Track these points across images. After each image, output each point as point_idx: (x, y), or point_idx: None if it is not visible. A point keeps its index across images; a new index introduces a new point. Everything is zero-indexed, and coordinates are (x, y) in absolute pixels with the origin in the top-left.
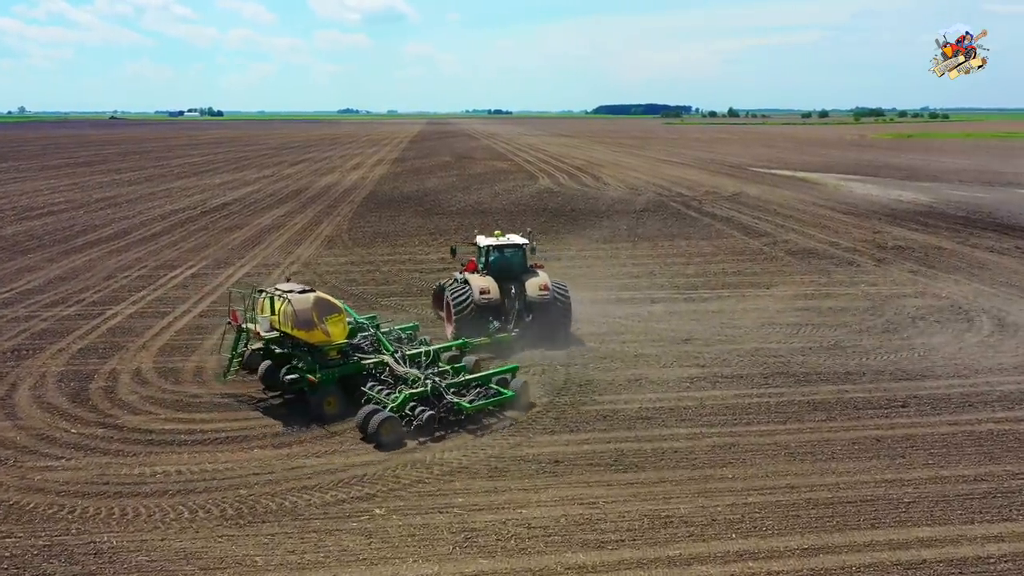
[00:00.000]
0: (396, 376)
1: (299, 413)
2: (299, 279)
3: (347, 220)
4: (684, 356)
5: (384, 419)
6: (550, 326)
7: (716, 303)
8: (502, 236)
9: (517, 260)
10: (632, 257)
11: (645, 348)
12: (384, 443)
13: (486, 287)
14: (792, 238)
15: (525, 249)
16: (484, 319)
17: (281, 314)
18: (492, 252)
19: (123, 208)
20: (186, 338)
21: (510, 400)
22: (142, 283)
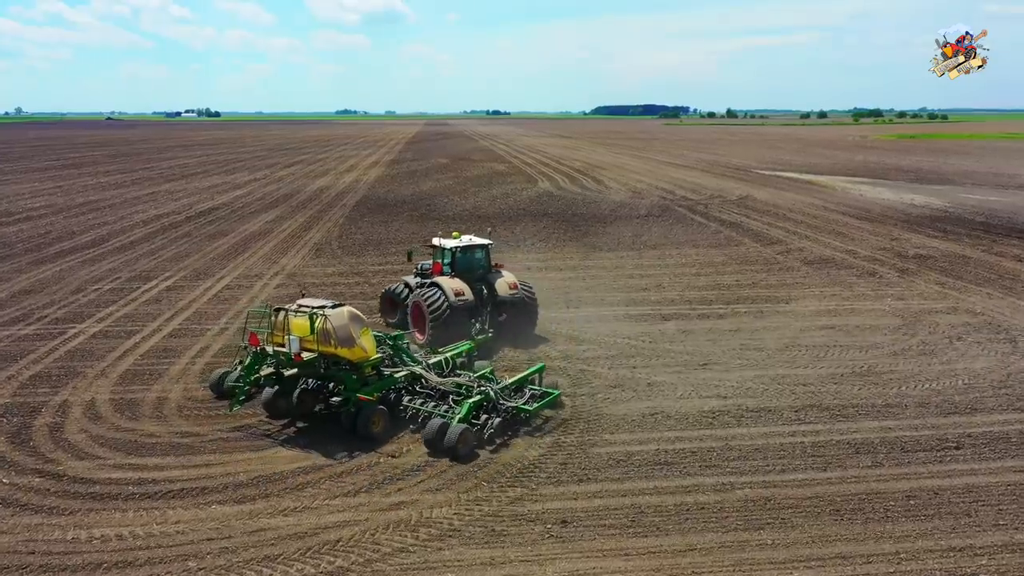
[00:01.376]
0: (438, 387)
1: (264, 460)
2: (283, 292)
3: (338, 226)
4: (703, 385)
5: (463, 430)
6: (521, 324)
7: (732, 320)
8: (460, 237)
9: (481, 260)
10: (639, 267)
11: (659, 374)
12: (462, 455)
13: (460, 289)
14: (806, 246)
15: (489, 249)
16: (459, 322)
17: (319, 333)
18: (458, 254)
19: (105, 213)
20: (151, 363)
21: (557, 399)
22: (112, 297)
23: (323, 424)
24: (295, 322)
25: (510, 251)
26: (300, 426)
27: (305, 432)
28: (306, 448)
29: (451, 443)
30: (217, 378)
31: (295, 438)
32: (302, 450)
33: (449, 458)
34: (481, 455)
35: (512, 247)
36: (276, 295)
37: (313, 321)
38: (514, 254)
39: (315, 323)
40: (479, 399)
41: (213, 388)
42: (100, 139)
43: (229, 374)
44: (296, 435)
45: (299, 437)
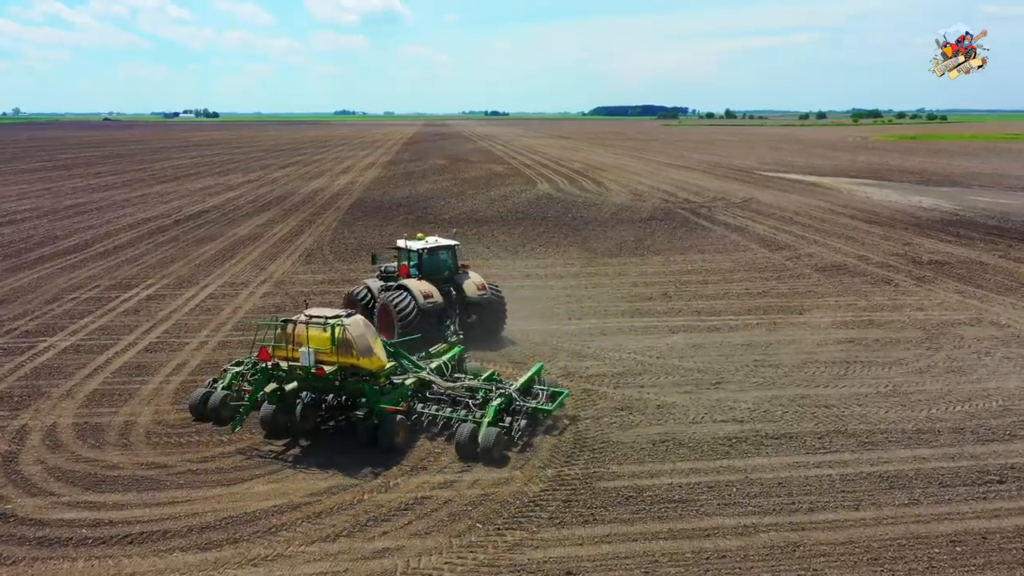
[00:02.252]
0: (448, 392)
1: (235, 496)
2: (269, 302)
3: (330, 230)
4: (717, 407)
5: (497, 433)
6: (489, 325)
7: (744, 333)
8: (424, 239)
9: (448, 262)
10: (642, 275)
11: (669, 394)
12: (496, 458)
13: (428, 291)
14: (816, 251)
15: (455, 250)
16: (428, 324)
17: (340, 343)
18: (425, 255)
19: (91, 216)
20: (122, 381)
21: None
22: (89, 307)
23: (318, 444)
24: (309, 334)
25: (509, 257)
26: (278, 453)
27: (285, 459)
28: (282, 482)
29: (488, 446)
30: (199, 398)
31: (272, 468)
32: (277, 484)
33: (483, 462)
34: (476, 488)
35: (511, 252)
36: (262, 305)
37: (334, 331)
38: (513, 260)
39: (336, 333)
40: (502, 402)
41: (193, 409)
42: (95, 140)
43: (211, 394)
44: (274, 463)
45: (276, 466)
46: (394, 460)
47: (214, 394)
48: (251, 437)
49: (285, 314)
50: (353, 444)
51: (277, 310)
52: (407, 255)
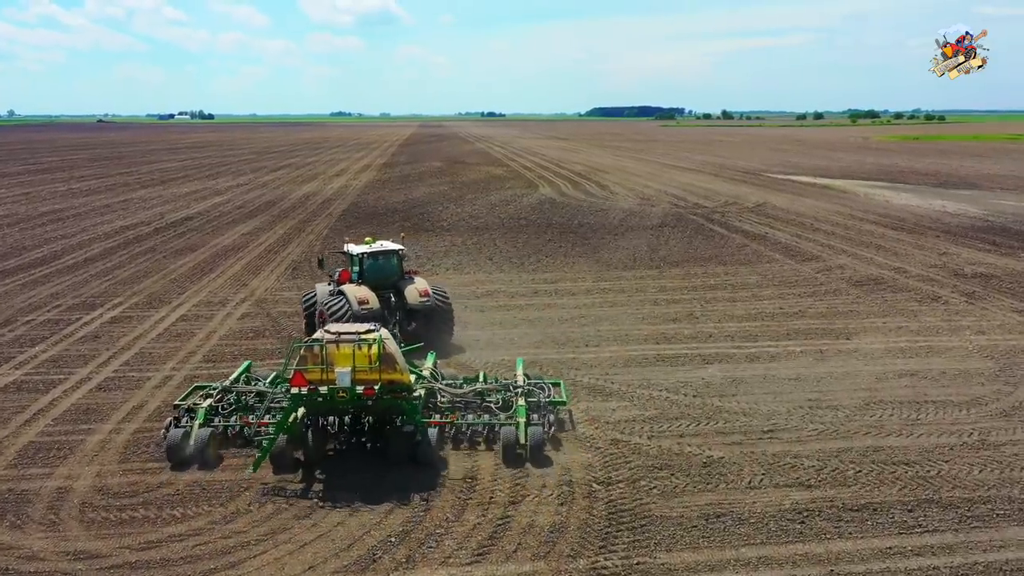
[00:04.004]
0: (457, 399)
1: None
2: (247, 324)
3: (320, 239)
4: (775, 464)
5: (540, 431)
6: (434, 333)
7: (789, 364)
8: (374, 242)
9: (392, 267)
10: (662, 290)
11: (715, 447)
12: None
13: (364, 297)
14: (847, 263)
15: (400, 255)
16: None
17: (386, 359)
18: (366, 260)
19: (67, 224)
20: (64, 431)
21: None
22: (44, 332)
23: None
24: (342, 352)
25: (513, 270)
26: (258, 522)
27: (248, 537)
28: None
29: (537, 444)
30: (179, 440)
31: (233, 559)
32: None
33: (531, 464)
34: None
35: (515, 265)
36: (239, 329)
37: (379, 347)
38: (518, 273)
39: (379, 349)
40: (535, 400)
41: (173, 453)
42: (83, 142)
43: (188, 433)
44: (236, 549)
45: (237, 556)
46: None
47: (195, 433)
48: (207, 507)
49: (265, 341)
50: (356, 479)
51: (255, 336)
52: (350, 259)
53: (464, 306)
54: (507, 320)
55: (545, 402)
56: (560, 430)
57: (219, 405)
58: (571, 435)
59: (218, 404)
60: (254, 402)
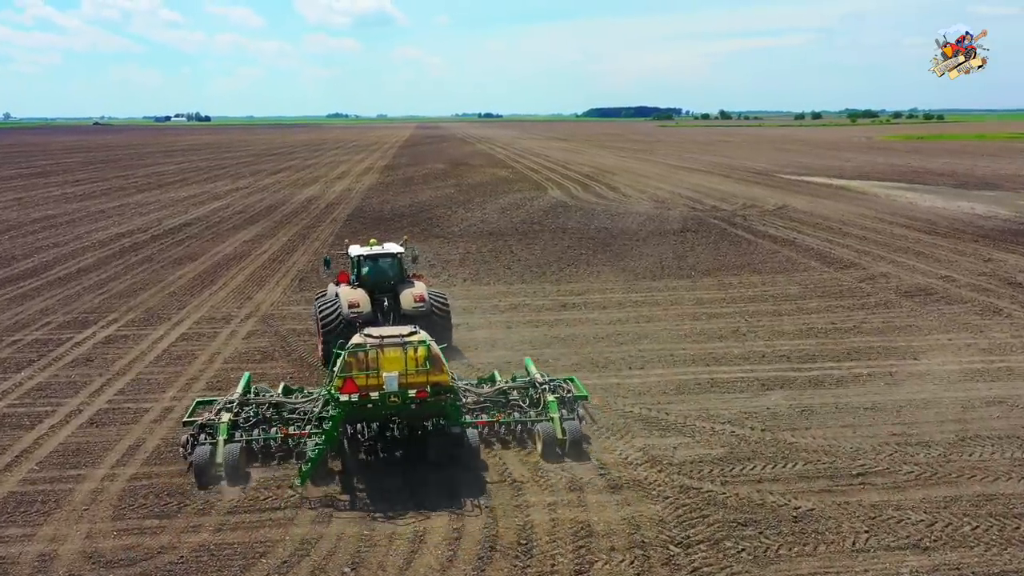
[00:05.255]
0: (483, 398)
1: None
2: (254, 344)
3: (326, 247)
4: (877, 518)
5: (577, 425)
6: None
7: (857, 389)
8: (377, 245)
9: (392, 270)
10: (699, 302)
11: (801, 495)
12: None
13: (355, 300)
14: (890, 271)
15: (400, 258)
16: (355, 334)
17: (435, 361)
18: (364, 263)
19: (60, 231)
20: (51, 477)
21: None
22: (31, 354)
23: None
24: (388, 356)
25: (535, 280)
26: None
27: None
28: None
29: (575, 438)
30: (207, 458)
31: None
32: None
33: (570, 459)
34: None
35: (537, 275)
36: (245, 350)
37: (428, 350)
38: (540, 284)
39: (429, 352)
40: (558, 396)
41: (202, 472)
42: (79, 145)
43: (213, 449)
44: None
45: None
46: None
47: (224, 449)
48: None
49: (275, 364)
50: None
51: (263, 358)
52: (349, 261)
53: (488, 322)
54: (537, 339)
55: (570, 397)
56: (619, 469)
57: (238, 419)
58: (630, 476)
59: (237, 418)
60: (271, 414)
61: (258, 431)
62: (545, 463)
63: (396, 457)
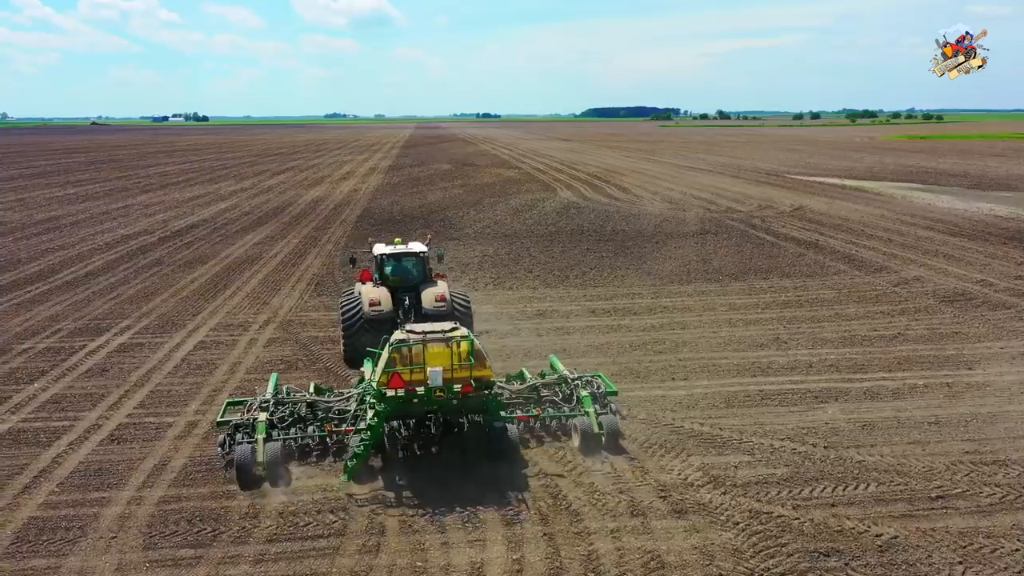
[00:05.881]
0: (521, 394)
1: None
2: (276, 352)
3: (339, 250)
4: (969, 547)
5: (615, 419)
6: None
7: (919, 402)
8: (402, 244)
9: (415, 270)
10: (732, 307)
11: (880, 520)
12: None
13: (376, 299)
14: (922, 274)
15: (424, 257)
16: (376, 333)
17: (479, 355)
18: (388, 261)
19: (64, 233)
20: (73, 500)
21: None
22: (43, 363)
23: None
24: (432, 352)
25: (559, 284)
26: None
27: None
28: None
29: (614, 431)
30: (248, 457)
31: None
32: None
33: (608, 451)
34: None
35: (560, 279)
36: (268, 359)
37: (471, 345)
38: (565, 288)
39: (472, 346)
40: (590, 391)
41: (244, 472)
42: (78, 145)
43: (252, 448)
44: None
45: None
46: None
47: (263, 448)
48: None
49: (299, 374)
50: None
51: (287, 367)
52: (374, 260)
53: (517, 328)
54: (571, 347)
55: (600, 393)
56: (680, 491)
57: (274, 418)
58: (693, 499)
59: (272, 417)
60: (306, 413)
61: (295, 430)
62: (601, 487)
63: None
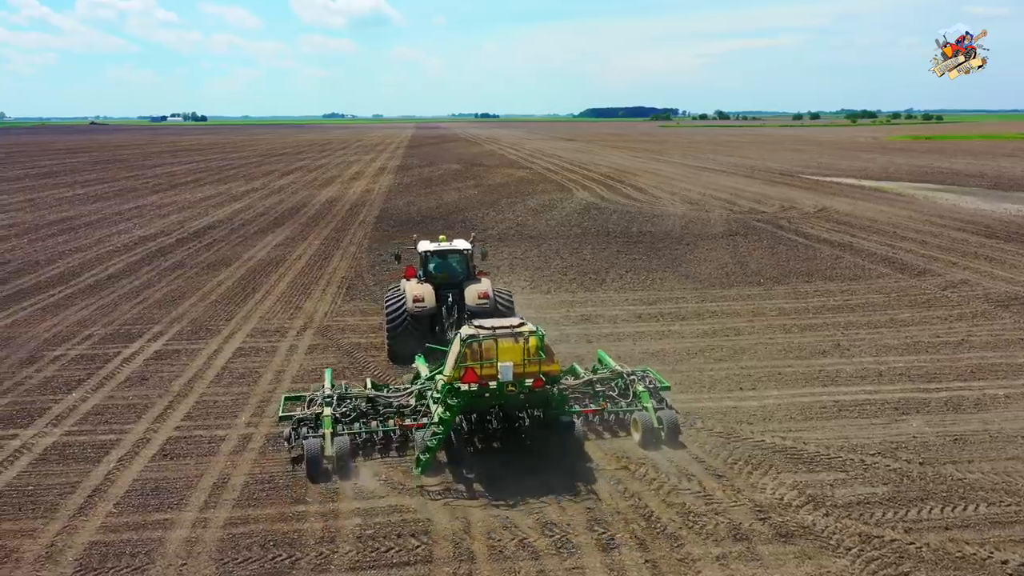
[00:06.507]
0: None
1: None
2: (318, 360)
3: (363, 251)
4: None
5: (674, 414)
6: None
7: (1004, 414)
8: (446, 241)
9: (459, 267)
10: (781, 313)
11: (1004, 546)
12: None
13: (420, 295)
14: (968, 277)
15: (468, 255)
16: (420, 330)
17: (548, 350)
18: (432, 258)
19: (80, 234)
20: (134, 523)
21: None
22: (78, 371)
23: None
24: (502, 347)
25: (596, 288)
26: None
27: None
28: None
29: (674, 426)
30: (318, 449)
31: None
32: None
33: (667, 444)
34: None
35: (596, 282)
36: (311, 367)
37: (539, 340)
38: (604, 291)
39: (541, 342)
40: (645, 387)
41: (313, 466)
42: (80, 145)
43: (320, 442)
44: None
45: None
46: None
47: (336, 441)
48: None
49: (346, 382)
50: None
51: (334, 375)
52: (419, 257)
53: (565, 335)
54: (626, 354)
55: (654, 388)
56: (780, 512)
57: (338, 413)
58: (796, 520)
59: (336, 412)
60: (367, 408)
61: (358, 424)
62: (694, 507)
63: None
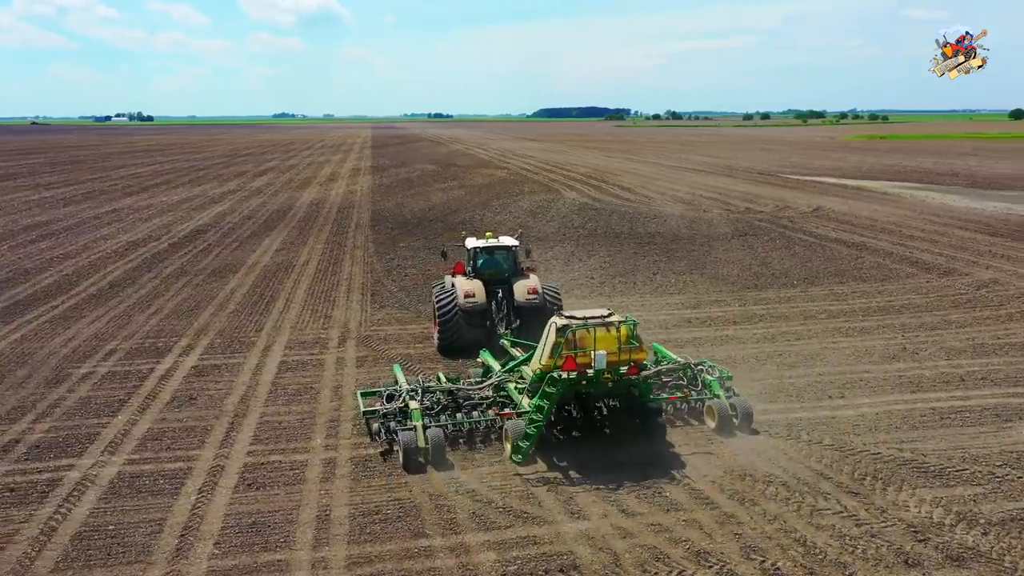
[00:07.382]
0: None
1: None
2: (372, 373)
3: (371, 255)
4: None
5: (747, 402)
6: (539, 331)
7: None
8: (493, 238)
9: (506, 263)
10: (831, 316)
11: None
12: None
13: (471, 290)
14: (997, 277)
15: (514, 251)
16: (471, 325)
17: (637, 340)
18: (480, 255)
19: (62, 240)
20: (243, 564)
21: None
22: (114, 390)
23: None
24: (599, 336)
25: (628, 290)
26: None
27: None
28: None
29: (748, 413)
30: (413, 442)
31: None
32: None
33: (740, 430)
34: None
35: (627, 284)
36: (367, 381)
37: (631, 329)
38: (639, 295)
39: (632, 331)
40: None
41: (410, 459)
42: (32, 145)
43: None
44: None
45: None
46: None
47: (430, 433)
48: None
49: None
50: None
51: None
52: (466, 253)
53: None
54: None
55: (720, 378)
56: (936, 533)
57: (425, 406)
58: (958, 542)
59: (421, 405)
60: (448, 400)
61: (444, 416)
62: (845, 529)
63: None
